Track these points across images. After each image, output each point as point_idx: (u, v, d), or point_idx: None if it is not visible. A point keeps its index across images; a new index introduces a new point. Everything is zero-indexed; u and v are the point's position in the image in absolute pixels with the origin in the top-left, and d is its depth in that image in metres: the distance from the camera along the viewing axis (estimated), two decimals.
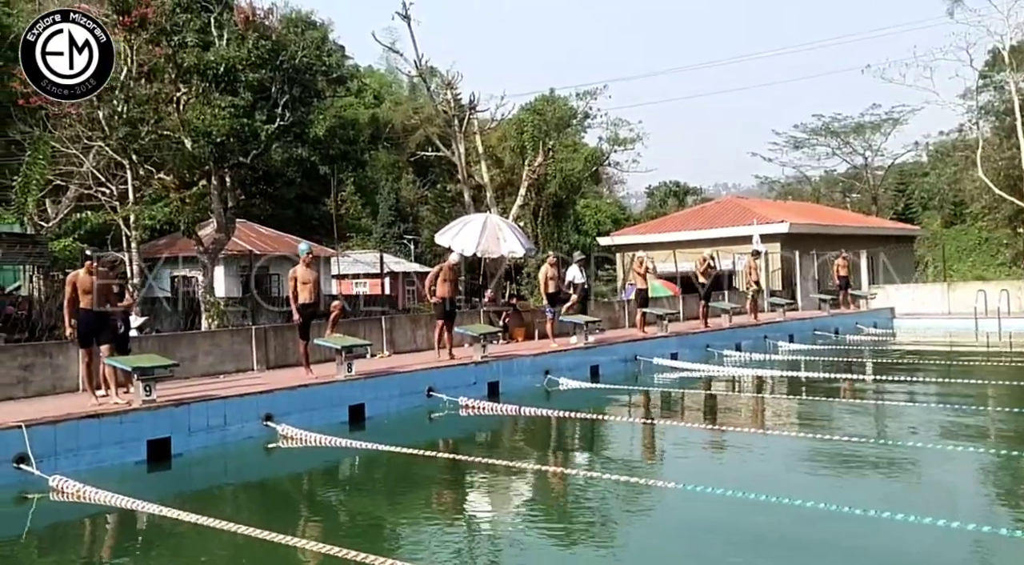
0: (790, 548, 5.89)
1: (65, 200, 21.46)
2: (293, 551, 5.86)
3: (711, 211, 31.76)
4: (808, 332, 20.60)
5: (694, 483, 7.16)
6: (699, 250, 20.14)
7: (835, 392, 12.76)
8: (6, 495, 7.46)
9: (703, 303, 18.73)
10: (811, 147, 51.34)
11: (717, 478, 7.38)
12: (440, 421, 11.24)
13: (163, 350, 11.06)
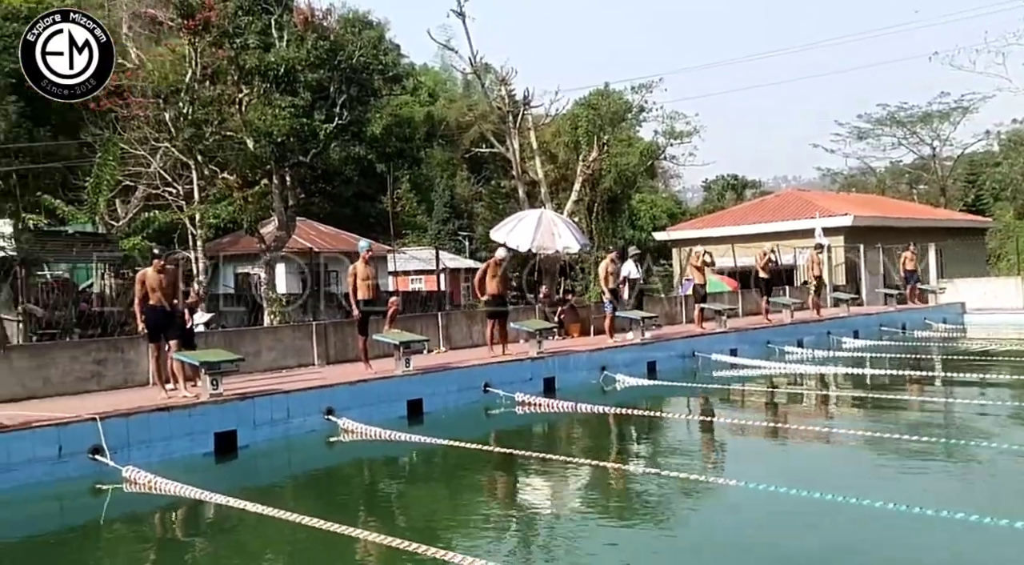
0: (854, 549, 5.74)
1: (134, 200, 22.20)
2: (354, 542, 5.97)
3: (771, 204, 31.10)
4: (874, 328, 20.01)
5: (756, 481, 7.04)
6: (758, 244, 19.75)
7: (903, 389, 12.39)
8: (82, 485, 7.78)
9: (764, 298, 18.37)
10: (876, 137, 49.78)
11: (779, 476, 7.24)
12: (497, 417, 11.29)
13: (228, 345, 11.38)
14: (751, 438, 9.77)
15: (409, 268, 34.53)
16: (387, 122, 26.16)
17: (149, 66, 18.84)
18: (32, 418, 8.12)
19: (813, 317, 19.32)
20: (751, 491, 6.92)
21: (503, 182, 36.20)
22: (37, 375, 10.19)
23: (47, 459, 7.75)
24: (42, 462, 7.72)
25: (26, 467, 7.61)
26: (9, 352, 9.03)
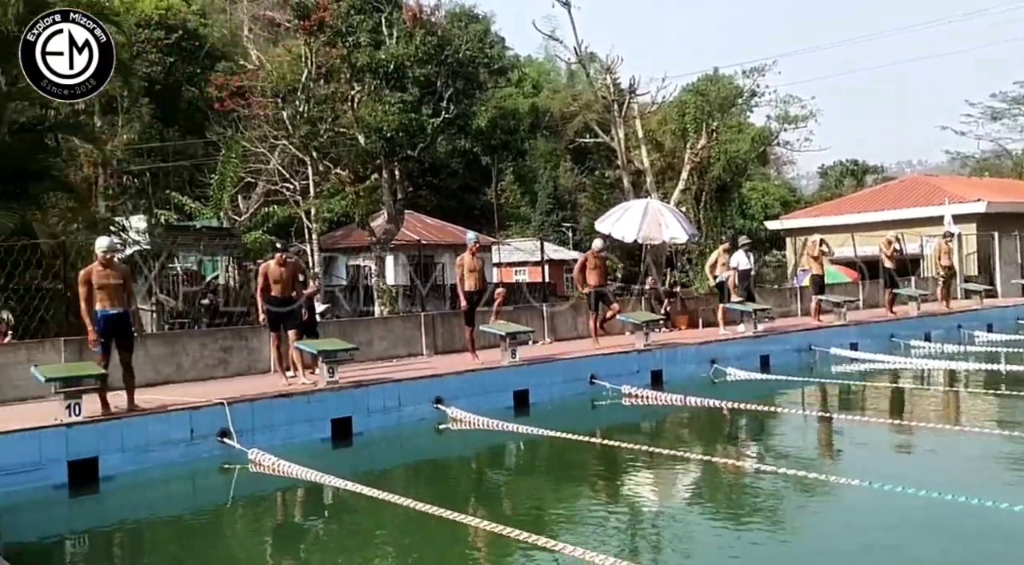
0: (982, 556, 5.36)
1: (254, 196, 23.34)
2: (462, 528, 6.07)
3: (895, 190, 29.43)
4: (1010, 321, 18.62)
5: (879, 481, 6.67)
6: (880, 233, 18.69)
7: None
8: (211, 466, 8.26)
9: (888, 290, 17.39)
10: (1012, 117, 46.25)
11: (903, 477, 6.83)
12: (603, 409, 11.21)
13: (342, 335, 11.79)
14: (873, 436, 9.27)
15: (513, 259, 34.78)
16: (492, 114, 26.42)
17: (268, 67, 19.73)
18: (167, 402, 8.68)
19: (942, 310, 18.16)
20: (873, 491, 6.56)
21: (607, 172, 35.88)
22: (170, 361, 10.88)
23: (180, 441, 8.26)
24: (176, 444, 8.24)
25: (162, 449, 8.14)
26: (144, 340, 9.67)
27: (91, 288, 8.17)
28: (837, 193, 44.12)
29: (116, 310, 8.24)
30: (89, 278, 8.19)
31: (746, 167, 32.86)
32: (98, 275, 8.20)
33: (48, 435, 7.52)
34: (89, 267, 8.39)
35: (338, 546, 6.42)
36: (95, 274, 8.21)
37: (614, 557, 5.28)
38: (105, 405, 8.10)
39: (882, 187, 33.14)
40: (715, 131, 26.68)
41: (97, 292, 8.17)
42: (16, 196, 12.58)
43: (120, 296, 8.28)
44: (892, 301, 17.40)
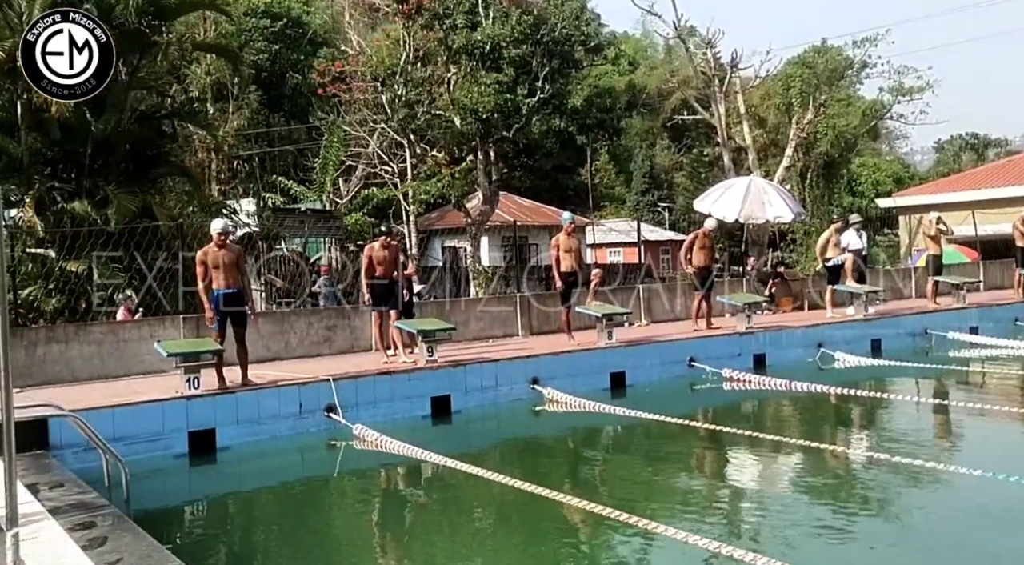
0: None
1: (354, 179, 23.95)
2: (558, 506, 6.09)
3: (1021, 164, 27.40)
4: None
5: (1001, 472, 6.25)
6: (1003, 211, 17.45)
7: None
8: (319, 440, 8.59)
9: (1019, 271, 16.22)
10: None
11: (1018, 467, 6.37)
12: (702, 392, 10.99)
13: (440, 315, 12.00)
14: (994, 424, 8.71)
15: (608, 240, 34.43)
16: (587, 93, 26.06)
17: (368, 51, 20.12)
18: (277, 378, 9.05)
19: None
20: (993, 482, 6.16)
21: (706, 150, 34.95)
22: (279, 339, 11.35)
23: (290, 415, 8.62)
24: (285, 418, 8.60)
25: (272, 422, 8.51)
26: (255, 318, 10.10)
27: (207, 267, 8.59)
28: (955, 169, 41.53)
29: (231, 289, 8.64)
30: (205, 258, 8.62)
31: (855, 142, 31.25)
32: (213, 255, 8.61)
33: (170, 407, 7.98)
34: (205, 247, 8.83)
35: (437, 520, 6.56)
36: (210, 254, 8.63)
37: (708, 538, 5.19)
38: (221, 379, 8.53)
39: (1006, 161, 30.90)
40: (822, 105, 25.49)
41: (212, 271, 8.58)
42: (137, 180, 13.34)
43: (234, 275, 8.68)
44: (1020, 282, 16.25)
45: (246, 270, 9.26)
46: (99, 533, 4.55)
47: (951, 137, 50.50)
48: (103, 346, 10.15)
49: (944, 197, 25.48)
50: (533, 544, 5.72)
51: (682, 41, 25.99)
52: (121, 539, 4.44)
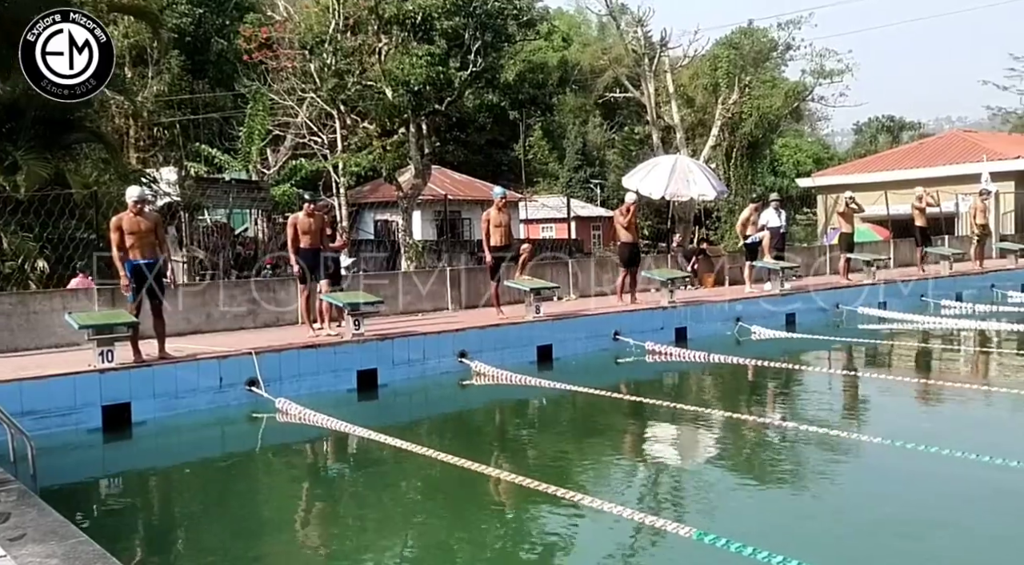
0: (1006, 511, 5.36)
1: (282, 149, 23.38)
2: (485, 479, 6.19)
3: (932, 147, 28.69)
4: None
5: (903, 439, 6.65)
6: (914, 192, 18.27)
7: None
8: (239, 413, 8.45)
9: (919, 248, 17.09)
10: None
11: (928, 435, 6.82)
12: (627, 365, 11.25)
13: (369, 289, 11.88)
14: (898, 394, 9.22)
15: (540, 216, 34.65)
16: (520, 68, 25.97)
17: (296, 18, 19.56)
18: (196, 351, 8.86)
19: (975, 269, 17.82)
20: (895, 449, 6.55)
21: (637, 128, 35.34)
22: (201, 312, 11.07)
23: (209, 389, 8.45)
24: (204, 392, 8.43)
25: (191, 396, 8.34)
26: (175, 290, 9.83)
27: (122, 235, 8.29)
28: (872, 150, 43.15)
29: (147, 259, 8.37)
30: (120, 225, 8.32)
31: (778, 123, 32.11)
32: (129, 223, 8.32)
33: (82, 380, 7.73)
34: (120, 214, 8.51)
35: (362, 494, 6.57)
36: (126, 221, 8.33)
37: (633, 509, 5.37)
38: (137, 352, 8.29)
39: (918, 144, 32.34)
40: (748, 86, 26.07)
41: (128, 239, 8.29)
42: (49, 146, 12.73)
43: (151, 244, 8.41)
44: (924, 258, 17.11)
45: (165, 240, 8.98)
46: (2, 509, 4.41)
47: (869, 119, 52.42)
48: (12, 318, 9.72)
49: (860, 178, 26.53)
50: (460, 517, 5.79)
51: (614, 19, 26.16)
52: (25, 515, 4.32)
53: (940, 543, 4.93)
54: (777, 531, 5.16)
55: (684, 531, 4.79)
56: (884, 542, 4.95)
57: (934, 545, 4.91)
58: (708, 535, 4.67)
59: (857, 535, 5.11)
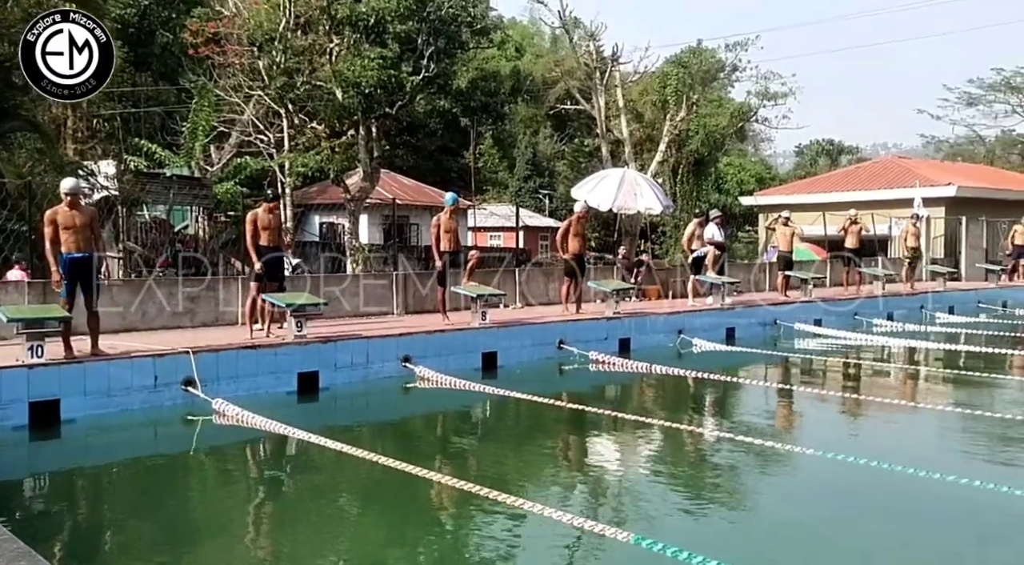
0: (931, 521, 5.58)
1: (227, 146, 22.88)
2: (426, 483, 6.15)
3: (868, 171, 29.74)
4: (971, 304, 19.05)
5: (832, 451, 6.88)
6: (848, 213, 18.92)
7: (996, 368, 11.79)
8: (174, 414, 8.22)
9: (846, 270, 17.71)
10: (987, 104, 46.72)
11: (856, 447, 7.07)
12: (570, 374, 11.33)
13: (313, 290, 11.72)
14: (829, 408, 9.51)
15: (488, 224, 34.70)
16: (473, 75, 26.02)
17: (245, 14, 19.24)
18: (131, 349, 8.59)
19: (906, 290, 18.52)
20: (826, 460, 6.77)
21: (586, 140, 35.74)
22: (137, 309, 10.76)
23: (143, 388, 8.21)
24: (138, 390, 8.19)
25: (124, 394, 8.09)
26: (111, 286, 9.54)
27: (56, 228, 8.02)
28: (812, 172, 44.49)
29: (81, 253, 8.10)
30: (55, 219, 8.04)
31: (724, 142, 32.91)
32: (63, 216, 8.05)
33: (9, 376, 7.43)
34: (54, 207, 8.23)
35: (299, 497, 6.45)
36: (60, 214, 8.06)
37: (572, 514, 5.41)
38: (68, 348, 8.01)
39: (855, 167, 33.49)
40: (695, 104, 26.61)
41: (62, 233, 8.02)
42: None
43: (86, 238, 8.14)
44: (858, 279, 17.71)
45: (100, 234, 8.70)
46: None
47: (810, 142, 53.99)
48: None
49: (800, 198, 27.34)
50: (400, 521, 5.74)
51: (566, 31, 26.41)
52: None
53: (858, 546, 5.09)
54: (711, 537, 5.27)
55: (622, 536, 4.84)
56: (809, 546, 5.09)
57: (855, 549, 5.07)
58: (645, 540, 4.73)
59: (783, 539, 5.26)
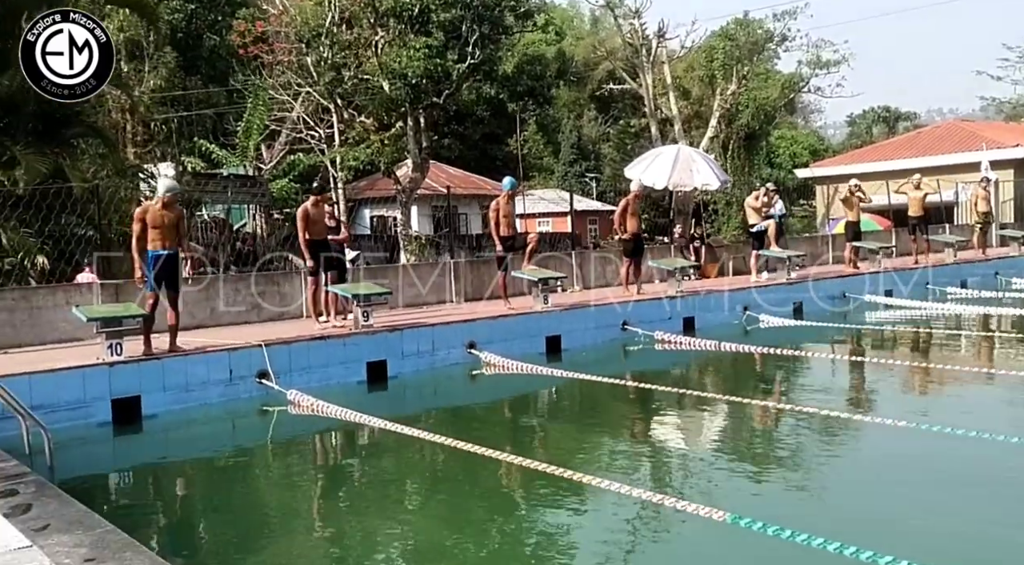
0: (1004, 486, 5.39)
1: (278, 144, 23.21)
2: (495, 463, 6.14)
3: (929, 136, 28.71)
4: None
5: (907, 419, 6.68)
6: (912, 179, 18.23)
7: None
8: (250, 407, 8.35)
9: (913, 238, 17.07)
10: None
11: (928, 416, 6.86)
12: (635, 354, 11.20)
13: (373, 281, 11.79)
14: (904, 378, 9.23)
15: (536, 210, 34.56)
16: (519, 60, 25.86)
17: (291, 11, 19.41)
18: (205, 344, 8.75)
19: (978, 257, 17.83)
20: (900, 429, 6.55)
21: (632, 121, 35.27)
22: (205, 306, 10.96)
23: (220, 382, 8.35)
24: (215, 384, 8.33)
25: (202, 389, 8.24)
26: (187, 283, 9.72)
27: (144, 227, 8.18)
28: (868, 141, 43.21)
29: (168, 250, 8.27)
30: (144, 216, 8.20)
31: (775, 115, 32.07)
32: (153, 215, 8.20)
33: (92, 374, 7.63)
34: (145, 204, 8.43)
35: (374, 483, 6.51)
36: (150, 212, 8.21)
37: (643, 489, 5.34)
38: (148, 345, 8.18)
39: (916, 133, 32.35)
40: (744, 78, 25.98)
41: (151, 231, 8.18)
42: (47, 141, 12.58)
43: (173, 236, 8.30)
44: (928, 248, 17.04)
45: (185, 233, 8.86)
46: (22, 500, 4.32)
47: (863, 111, 52.50)
48: (15, 313, 9.60)
49: (858, 168, 26.52)
50: (472, 502, 5.75)
51: (610, 10, 26.01)
52: (47, 506, 4.23)
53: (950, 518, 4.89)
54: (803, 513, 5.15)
55: (718, 515, 4.73)
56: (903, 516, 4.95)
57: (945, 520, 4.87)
58: (743, 518, 4.61)
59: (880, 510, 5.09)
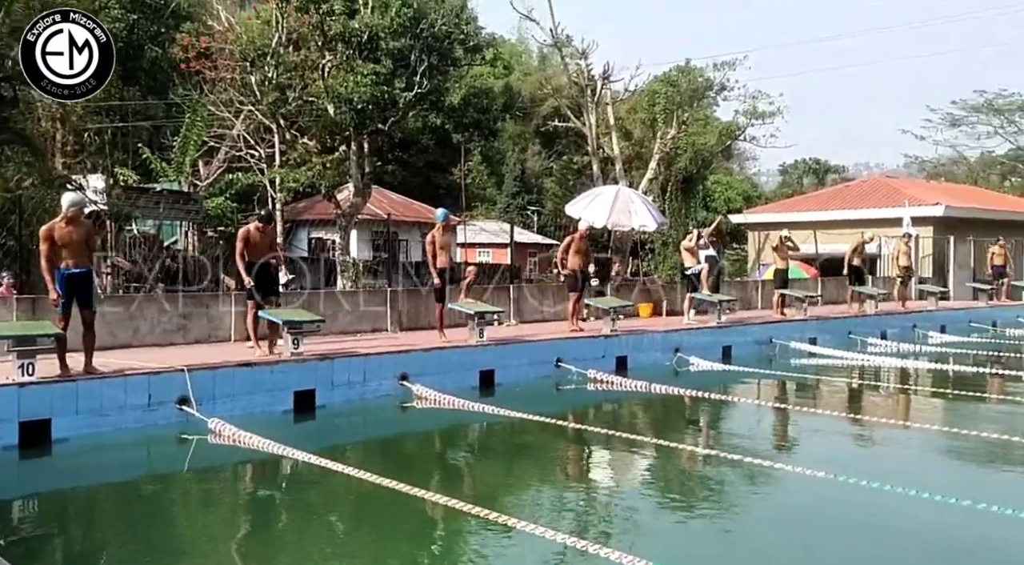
0: (919, 542, 5.55)
1: (216, 161, 22.73)
2: (421, 502, 6.04)
3: (856, 190, 29.96)
4: (963, 323, 19.14)
5: (824, 470, 6.82)
6: (841, 232, 19.04)
7: (988, 388, 11.83)
8: (168, 434, 8.03)
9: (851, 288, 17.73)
10: (970, 125, 47.44)
11: (847, 467, 7.01)
12: (568, 392, 11.23)
13: (306, 306, 11.57)
14: (824, 428, 9.48)
15: (477, 240, 34.67)
16: (465, 92, 26.05)
17: (237, 29, 19.18)
18: (124, 366, 8.42)
19: (898, 309, 18.60)
20: (817, 480, 6.70)
21: (575, 157, 35.85)
22: (128, 326, 10.57)
23: (137, 407, 8.03)
24: (132, 409, 8.00)
25: (118, 413, 7.90)
26: (102, 303, 9.35)
27: (53, 244, 7.85)
28: (798, 190, 44.85)
29: (79, 269, 7.94)
30: (51, 234, 7.86)
31: (711, 160, 33.08)
32: (60, 233, 7.87)
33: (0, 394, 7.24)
34: (51, 222, 8.05)
35: (294, 518, 6.31)
36: (57, 230, 7.88)
37: (566, 534, 5.33)
38: (64, 366, 7.83)
39: (843, 186, 33.72)
40: (684, 123, 26.75)
41: (60, 249, 7.85)
42: None
43: (83, 254, 7.97)
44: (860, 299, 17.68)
45: (95, 248, 8.54)
46: None
47: (795, 161, 54.53)
48: None
49: (790, 216, 27.46)
50: (393, 542, 5.61)
51: (558, 49, 26.51)
52: None
53: None
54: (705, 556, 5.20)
55: (615, 556, 4.74)
56: None
57: None
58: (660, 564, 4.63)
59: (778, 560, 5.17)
